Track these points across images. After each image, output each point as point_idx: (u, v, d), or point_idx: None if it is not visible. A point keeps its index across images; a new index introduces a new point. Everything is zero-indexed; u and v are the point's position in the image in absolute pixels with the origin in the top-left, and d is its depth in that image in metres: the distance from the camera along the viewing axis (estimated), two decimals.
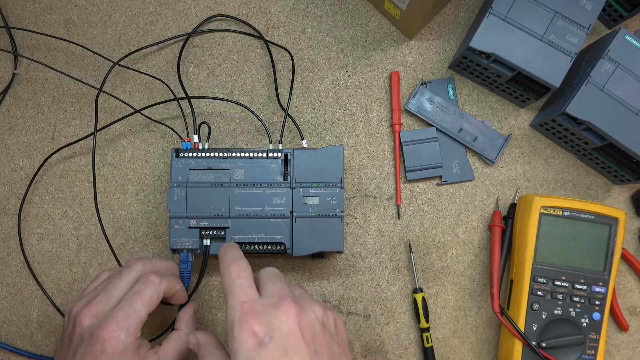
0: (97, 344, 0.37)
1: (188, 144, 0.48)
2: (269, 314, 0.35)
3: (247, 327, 0.34)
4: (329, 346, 0.36)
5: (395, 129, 0.52)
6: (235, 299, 0.35)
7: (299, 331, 0.34)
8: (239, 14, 0.54)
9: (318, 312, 0.37)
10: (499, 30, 0.46)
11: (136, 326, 0.39)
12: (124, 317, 0.38)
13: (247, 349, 0.33)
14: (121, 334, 0.37)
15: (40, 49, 0.54)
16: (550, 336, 0.47)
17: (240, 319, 0.34)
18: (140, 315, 0.39)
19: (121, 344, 0.37)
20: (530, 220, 0.48)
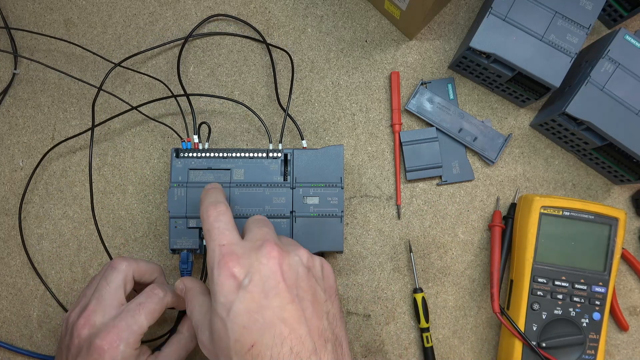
0: (96, 354, 0.36)
1: (188, 144, 0.48)
2: (250, 255, 0.34)
3: (226, 269, 0.33)
4: (312, 291, 0.35)
5: (395, 129, 0.52)
6: (214, 242, 0.35)
7: (280, 273, 0.33)
8: (239, 14, 0.54)
9: (303, 256, 0.36)
10: (499, 30, 0.46)
11: (136, 338, 0.38)
12: (125, 328, 0.37)
13: (226, 291, 0.32)
14: (121, 344, 0.37)
15: (40, 49, 0.54)
16: (550, 336, 0.47)
17: (219, 261, 0.33)
18: (142, 327, 0.38)
19: (120, 355, 0.36)
20: (530, 220, 0.48)
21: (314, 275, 0.36)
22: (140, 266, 0.42)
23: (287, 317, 0.32)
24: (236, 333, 0.32)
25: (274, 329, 0.32)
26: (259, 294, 0.33)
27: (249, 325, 0.32)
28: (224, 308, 0.32)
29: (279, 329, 0.32)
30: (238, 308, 0.32)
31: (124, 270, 0.40)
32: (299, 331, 0.32)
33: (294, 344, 0.32)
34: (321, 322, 0.34)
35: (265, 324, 0.32)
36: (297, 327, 0.32)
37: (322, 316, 0.35)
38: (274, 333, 0.32)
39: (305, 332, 0.33)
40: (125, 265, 0.41)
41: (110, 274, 0.40)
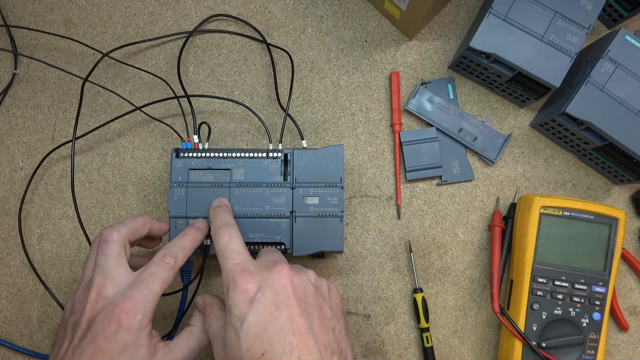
0: (112, 324, 0.36)
1: (188, 144, 0.48)
2: (262, 273, 0.36)
3: (240, 285, 0.35)
4: (319, 307, 0.37)
5: (395, 129, 0.52)
6: (229, 262, 0.37)
7: (290, 288, 0.36)
8: (239, 13, 0.54)
9: (311, 275, 0.39)
10: (499, 30, 0.46)
11: (152, 307, 0.37)
12: (140, 298, 0.37)
13: (240, 305, 0.35)
14: (138, 314, 0.36)
15: (40, 48, 0.54)
16: (550, 336, 0.47)
17: (234, 278, 0.36)
18: (157, 296, 0.38)
19: (137, 324, 0.36)
20: (530, 220, 0.48)
21: (321, 294, 0.39)
22: (131, 228, 0.41)
23: (296, 328, 0.35)
24: (248, 342, 0.34)
25: (283, 339, 0.34)
26: (270, 306, 0.35)
27: (260, 335, 0.34)
28: (238, 320, 0.35)
29: (288, 338, 0.34)
30: (251, 319, 0.35)
31: (117, 240, 0.40)
32: (307, 341, 0.34)
33: (302, 352, 0.34)
34: (328, 336, 0.36)
35: (276, 333, 0.34)
36: (305, 337, 0.35)
37: (328, 331, 0.37)
38: (284, 342, 0.34)
39: (312, 343, 0.35)
40: (116, 235, 0.40)
41: (105, 247, 0.39)
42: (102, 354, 0.35)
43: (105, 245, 0.39)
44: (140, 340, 0.37)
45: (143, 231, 0.43)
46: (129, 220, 0.42)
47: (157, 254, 0.40)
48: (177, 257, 0.40)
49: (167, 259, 0.40)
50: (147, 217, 0.43)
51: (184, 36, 0.54)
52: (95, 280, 0.38)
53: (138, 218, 0.42)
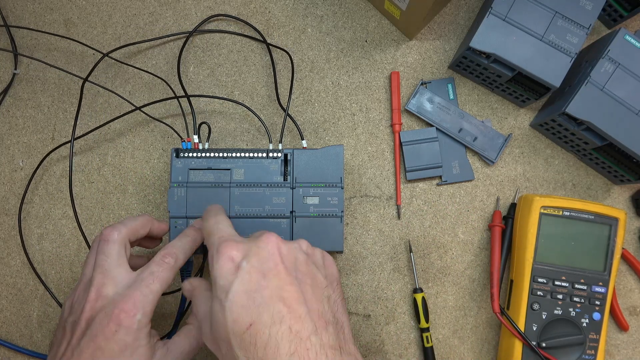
0: (112, 324, 0.35)
1: (188, 144, 0.48)
2: (249, 242, 0.34)
3: (225, 253, 0.33)
4: (312, 275, 0.35)
5: (395, 129, 0.52)
6: (214, 236, 0.36)
7: (278, 255, 0.34)
8: (239, 13, 0.54)
9: (302, 243, 0.36)
10: (499, 30, 0.46)
11: (152, 307, 0.37)
12: (140, 298, 0.36)
13: (225, 273, 0.33)
14: (138, 313, 0.36)
15: (40, 49, 0.54)
16: (550, 336, 0.47)
17: (218, 248, 0.34)
18: (157, 296, 0.38)
19: (137, 324, 0.36)
20: (530, 220, 0.48)
21: (314, 262, 0.37)
22: (131, 228, 0.41)
23: (286, 296, 0.32)
24: (234, 313, 0.32)
25: (272, 308, 0.32)
26: (257, 275, 0.33)
27: (247, 304, 0.32)
28: (223, 290, 0.33)
29: (277, 307, 0.32)
30: (236, 289, 0.32)
31: (118, 239, 0.39)
32: (298, 311, 0.32)
33: (293, 322, 0.32)
34: (321, 305, 0.34)
35: (264, 302, 0.32)
36: (296, 306, 0.32)
37: (322, 300, 0.34)
38: (273, 312, 0.32)
39: (304, 311, 0.32)
40: (116, 235, 0.39)
41: (105, 246, 0.39)
42: (102, 354, 0.35)
43: (106, 244, 0.39)
44: (140, 340, 0.36)
45: (143, 231, 0.42)
46: (129, 220, 0.41)
47: (157, 253, 0.40)
48: (177, 257, 0.40)
49: (168, 259, 0.39)
50: (147, 217, 0.43)
51: (184, 36, 0.54)
52: (95, 280, 0.37)
53: (138, 218, 0.42)
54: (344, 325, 0.35)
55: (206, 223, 0.39)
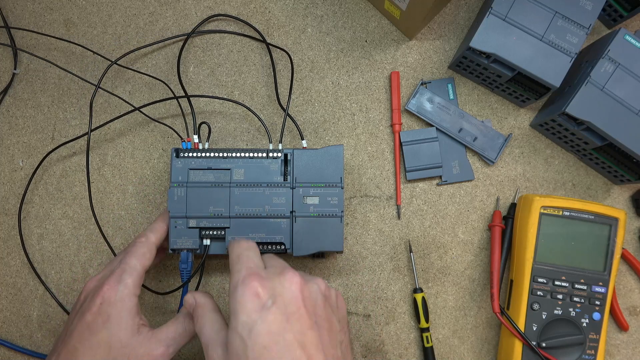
0: (98, 297, 0.39)
1: (188, 144, 0.48)
2: (273, 279, 0.35)
3: (251, 288, 0.34)
4: (329, 320, 0.36)
5: (395, 129, 0.52)
6: (241, 264, 0.36)
7: (301, 299, 0.34)
8: (239, 13, 0.54)
9: (321, 285, 0.37)
10: (499, 30, 0.46)
11: (134, 280, 0.41)
12: (120, 272, 0.41)
13: (249, 310, 0.33)
14: (118, 285, 0.40)
15: (40, 49, 0.54)
16: (550, 336, 0.47)
17: (244, 280, 0.34)
18: (136, 269, 0.41)
19: (118, 294, 0.40)
20: (530, 220, 0.48)
21: (330, 305, 0.38)
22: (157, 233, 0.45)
23: (306, 342, 0.33)
24: (256, 353, 0.32)
25: (293, 353, 0.32)
26: (281, 317, 0.33)
27: (269, 346, 0.32)
28: (246, 327, 0.33)
29: (298, 353, 0.33)
30: (260, 328, 0.33)
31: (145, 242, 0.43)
32: (316, 357, 0.33)
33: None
34: (335, 351, 0.35)
35: (286, 346, 0.32)
36: (314, 353, 0.33)
37: (336, 345, 0.36)
38: (293, 356, 0.32)
39: (322, 358, 0.33)
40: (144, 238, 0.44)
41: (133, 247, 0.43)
42: (88, 329, 0.39)
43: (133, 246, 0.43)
44: (123, 312, 0.39)
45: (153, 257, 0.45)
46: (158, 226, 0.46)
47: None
48: (146, 235, 0.44)
49: (139, 238, 0.44)
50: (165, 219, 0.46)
51: (184, 37, 0.54)
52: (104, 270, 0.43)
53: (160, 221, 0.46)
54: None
55: (237, 245, 0.39)
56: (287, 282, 0.35)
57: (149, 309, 0.51)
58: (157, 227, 0.45)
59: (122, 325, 0.39)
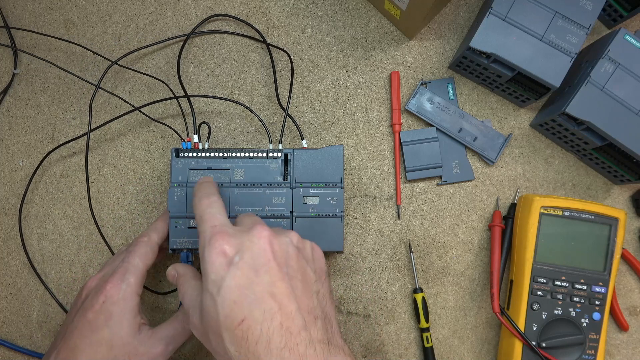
0: (101, 295, 0.40)
1: (188, 144, 0.48)
2: (241, 235, 0.35)
3: (217, 246, 0.34)
4: (302, 270, 0.36)
5: (395, 129, 0.52)
6: (206, 224, 0.36)
7: (270, 252, 0.34)
8: (239, 13, 0.54)
9: (293, 237, 0.37)
10: (499, 30, 0.46)
11: (136, 279, 0.41)
12: (123, 271, 0.41)
13: (217, 268, 0.33)
14: (122, 284, 0.41)
15: (40, 49, 0.54)
16: (550, 336, 0.47)
17: (210, 240, 0.34)
18: (138, 268, 0.42)
19: (121, 292, 0.40)
20: (530, 220, 0.48)
21: (304, 257, 0.37)
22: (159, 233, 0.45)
23: (277, 293, 0.33)
24: (226, 308, 0.32)
25: (264, 304, 0.32)
26: (250, 271, 0.33)
27: (239, 300, 0.32)
28: (215, 285, 0.33)
29: (269, 304, 0.32)
30: (228, 284, 0.33)
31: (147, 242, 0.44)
32: (288, 307, 0.33)
33: (284, 319, 0.32)
34: (311, 300, 0.35)
35: (256, 299, 0.32)
36: (287, 303, 0.33)
37: (311, 295, 0.35)
38: (264, 308, 0.32)
39: (295, 308, 0.33)
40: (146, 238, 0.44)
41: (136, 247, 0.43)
42: (89, 327, 0.39)
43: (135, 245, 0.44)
44: (125, 312, 0.40)
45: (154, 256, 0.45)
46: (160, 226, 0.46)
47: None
48: (149, 234, 0.44)
49: (141, 238, 0.44)
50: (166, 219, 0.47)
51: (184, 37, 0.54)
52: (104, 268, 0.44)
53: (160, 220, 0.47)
54: (332, 319, 0.36)
55: (198, 204, 0.38)
56: (256, 237, 0.34)
57: (149, 308, 0.51)
58: (158, 227, 0.46)
59: (124, 324, 0.40)
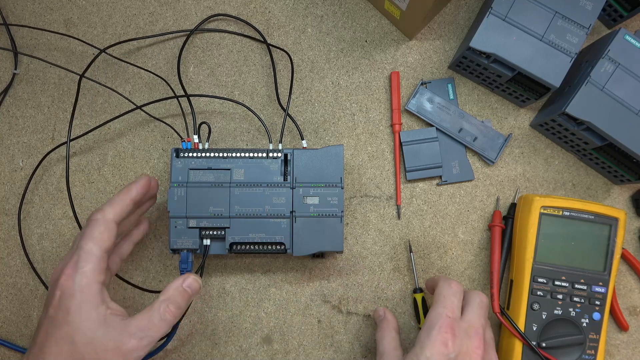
0: (57, 289, 0.37)
1: (188, 143, 0.48)
2: (463, 338, 0.40)
3: (444, 336, 0.40)
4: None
5: (395, 129, 0.52)
6: (444, 309, 0.41)
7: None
8: (239, 13, 0.54)
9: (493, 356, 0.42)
10: (499, 30, 0.46)
11: (93, 266, 0.37)
12: (76, 259, 0.37)
13: (435, 352, 0.39)
14: (75, 274, 0.37)
15: (41, 48, 0.54)
16: (550, 336, 0.47)
17: (441, 326, 0.40)
18: (93, 254, 0.38)
19: (76, 284, 0.37)
20: (530, 220, 0.48)
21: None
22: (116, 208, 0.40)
23: None
24: None
25: None
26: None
27: None
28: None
29: None
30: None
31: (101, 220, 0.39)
32: None
33: None
34: None
35: None
36: None
37: None
38: None
39: None
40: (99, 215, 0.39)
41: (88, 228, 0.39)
42: (53, 325, 0.36)
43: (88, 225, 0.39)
44: (83, 304, 0.36)
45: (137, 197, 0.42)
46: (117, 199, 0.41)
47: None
48: (103, 210, 0.40)
49: (94, 215, 0.39)
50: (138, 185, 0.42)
51: (184, 35, 0.54)
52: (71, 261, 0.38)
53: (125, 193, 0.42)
54: None
55: (448, 285, 0.43)
56: (473, 347, 0.40)
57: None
58: (116, 201, 0.41)
59: (83, 318, 0.36)
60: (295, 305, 0.51)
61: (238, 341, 0.51)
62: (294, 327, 0.51)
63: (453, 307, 0.41)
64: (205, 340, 0.50)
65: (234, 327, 0.51)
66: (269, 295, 0.51)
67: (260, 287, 0.51)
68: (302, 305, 0.51)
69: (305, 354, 0.50)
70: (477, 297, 0.43)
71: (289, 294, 0.51)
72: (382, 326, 0.46)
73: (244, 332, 0.51)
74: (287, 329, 0.51)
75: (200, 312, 0.51)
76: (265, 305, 0.51)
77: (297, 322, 0.51)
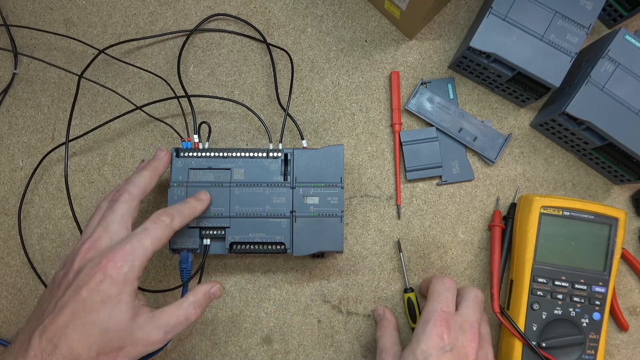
0: (99, 273, 0.36)
1: (188, 143, 0.48)
2: (458, 332, 0.41)
3: (439, 329, 0.40)
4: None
5: (395, 129, 0.52)
6: (438, 304, 0.42)
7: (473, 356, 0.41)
8: (239, 13, 0.54)
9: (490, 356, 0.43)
10: (499, 30, 0.46)
11: (141, 262, 0.38)
12: (130, 251, 0.37)
13: (430, 345, 0.40)
14: (125, 266, 0.37)
15: (40, 48, 0.54)
16: (550, 336, 0.47)
17: (436, 320, 0.41)
18: (147, 252, 0.38)
19: (123, 275, 0.37)
20: (530, 220, 0.48)
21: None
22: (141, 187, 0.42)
23: None
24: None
25: None
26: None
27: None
28: (422, 354, 0.40)
29: None
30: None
31: (128, 200, 0.41)
32: None
33: None
34: None
35: None
36: None
37: None
38: None
39: None
40: (127, 195, 0.41)
41: (115, 205, 0.41)
42: (83, 306, 0.36)
43: (114, 203, 0.41)
44: (123, 295, 0.37)
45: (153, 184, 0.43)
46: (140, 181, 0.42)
47: (154, 213, 0.41)
48: (173, 217, 0.41)
49: (163, 217, 0.40)
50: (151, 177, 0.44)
51: (183, 35, 0.54)
52: (95, 233, 0.39)
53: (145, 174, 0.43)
54: None
55: (441, 281, 0.44)
56: (467, 340, 0.41)
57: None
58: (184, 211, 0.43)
59: (122, 308, 0.37)
60: (295, 305, 0.51)
61: (238, 341, 0.51)
62: (294, 327, 0.51)
63: (447, 302, 0.42)
64: (205, 340, 0.50)
65: (234, 327, 0.51)
66: (269, 295, 0.51)
67: (260, 287, 0.51)
68: (302, 305, 0.51)
69: (305, 354, 0.50)
70: (472, 292, 0.44)
71: (289, 294, 0.51)
72: (381, 325, 0.47)
73: (244, 332, 0.51)
74: (287, 329, 0.51)
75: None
76: (265, 305, 0.51)
77: (297, 322, 0.51)
